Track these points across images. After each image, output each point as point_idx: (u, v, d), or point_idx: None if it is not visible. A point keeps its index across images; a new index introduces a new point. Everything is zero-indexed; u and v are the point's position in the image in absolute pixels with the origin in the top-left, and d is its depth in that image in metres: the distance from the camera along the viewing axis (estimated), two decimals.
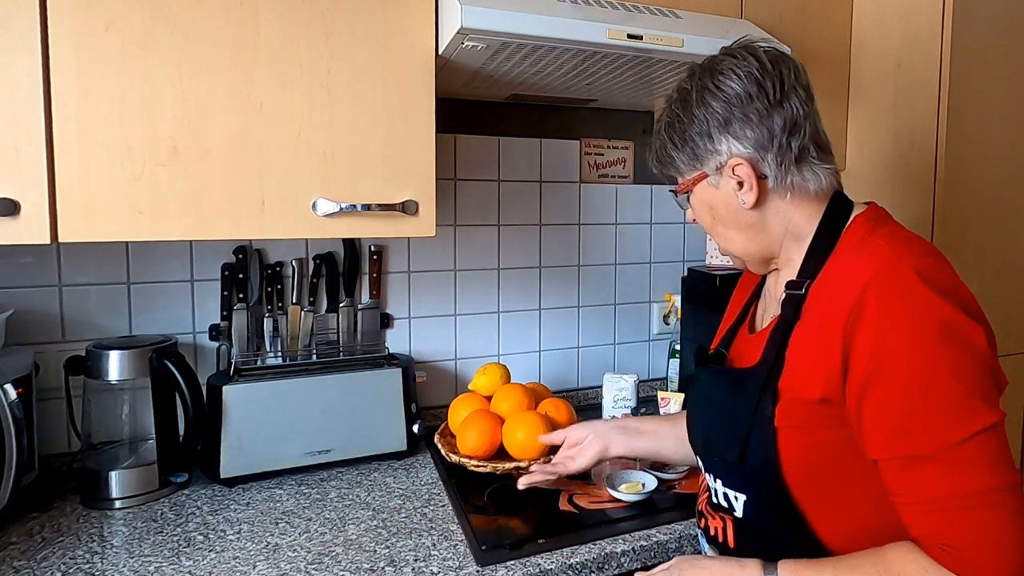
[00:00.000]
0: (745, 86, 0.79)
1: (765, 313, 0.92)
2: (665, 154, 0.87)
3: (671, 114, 0.86)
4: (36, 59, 0.90)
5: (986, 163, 1.39)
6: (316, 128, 1.05)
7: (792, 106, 0.79)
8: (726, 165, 0.81)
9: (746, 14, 1.38)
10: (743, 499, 0.82)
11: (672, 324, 1.79)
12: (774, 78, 0.79)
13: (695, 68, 0.85)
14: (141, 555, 0.98)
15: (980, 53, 1.35)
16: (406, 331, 1.55)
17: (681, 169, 0.87)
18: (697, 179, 0.85)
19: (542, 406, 1.30)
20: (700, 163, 0.84)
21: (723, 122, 0.80)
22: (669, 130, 0.86)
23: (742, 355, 0.89)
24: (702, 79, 0.82)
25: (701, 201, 0.87)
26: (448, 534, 1.05)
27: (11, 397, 1.04)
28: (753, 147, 0.79)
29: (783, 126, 0.79)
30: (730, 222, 0.85)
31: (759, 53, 0.81)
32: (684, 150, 0.84)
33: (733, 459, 0.80)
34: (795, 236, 0.83)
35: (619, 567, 1.01)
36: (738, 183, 0.81)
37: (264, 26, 1.01)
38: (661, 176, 0.92)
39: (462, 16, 0.98)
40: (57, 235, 0.93)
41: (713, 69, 0.82)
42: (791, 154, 0.79)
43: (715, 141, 0.81)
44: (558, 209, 1.69)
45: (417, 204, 1.12)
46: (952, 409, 0.66)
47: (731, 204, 0.83)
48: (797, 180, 0.81)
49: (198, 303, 1.37)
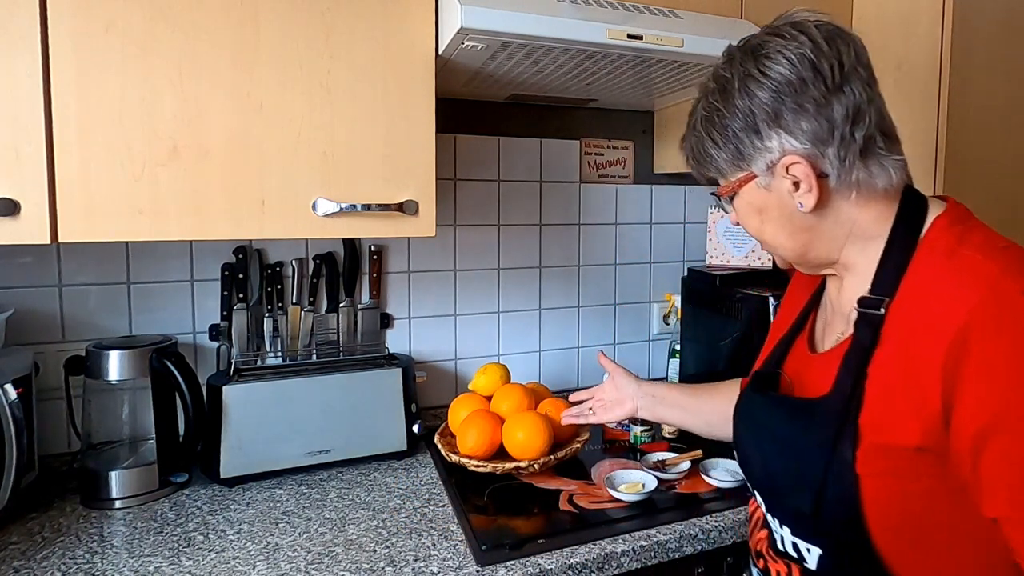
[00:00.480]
0: (798, 71, 0.67)
1: (828, 328, 0.80)
2: (703, 152, 0.76)
3: (709, 107, 0.74)
4: (36, 59, 0.90)
5: (986, 163, 1.39)
6: (316, 128, 1.05)
7: (854, 90, 0.68)
8: (778, 164, 0.70)
9: (746, 14, 1.38)
10: (817, 552, 0.71)
11: (672, 324, 1.79)
12: (831, 59, 0.68)
13: (734, 52, 0.74)
14: (141, 555, 0.98)
15: (980, 53, 1.35)
16: (406, 331, 1.55)
17: (723, 169, 0.75)
18: (743, 180, 0.73)
19: (542, 406, 1.30)
20: (746, 162, 0.72)
21: (773, 115, 0.69)
22: (707, 125, 0.74)
23: (803, 379, 0.77)
24: (744, 65, 0.71)
25: (748, 204, 0.76)
26: (448, 534, 1.05)
27: (11, 397, 1.04)
28: (810, 142, 0.68)
29: (845, 115, 0.67)
30: (782, 226, 0.74)
31: (811, 31, 0.69)
32: (726, 148, 0.73)
33: (806, 509, 0.69)
34: (860, 239, 0.72)
35: (619, 567, 1.01)
36: (793, 183, 0.70)
37: (264, 26, 1.01)
38: (698, 177, 0.80)
39: (462, 16, 0.98)
40: (57, 235, 0.93)
41: (757, 52, 0.70)
42: (855, 146, 0.68)
43: (764, 137, 0.70)
44: (558, 209, 1.69)
45: (417, 204, 1.12)
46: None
47: (785, 207, 0.72)
48: (863, 176, 0.69)
49: (198, 303, 1.37)
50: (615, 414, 1.16)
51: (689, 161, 0.80)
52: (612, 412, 1.17)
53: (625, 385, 1.17)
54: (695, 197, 1.85)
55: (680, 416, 1.13)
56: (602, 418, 1.18)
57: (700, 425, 1.11)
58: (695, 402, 1.12)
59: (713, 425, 1.08)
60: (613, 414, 1.16)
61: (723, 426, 1.04)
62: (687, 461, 1.27)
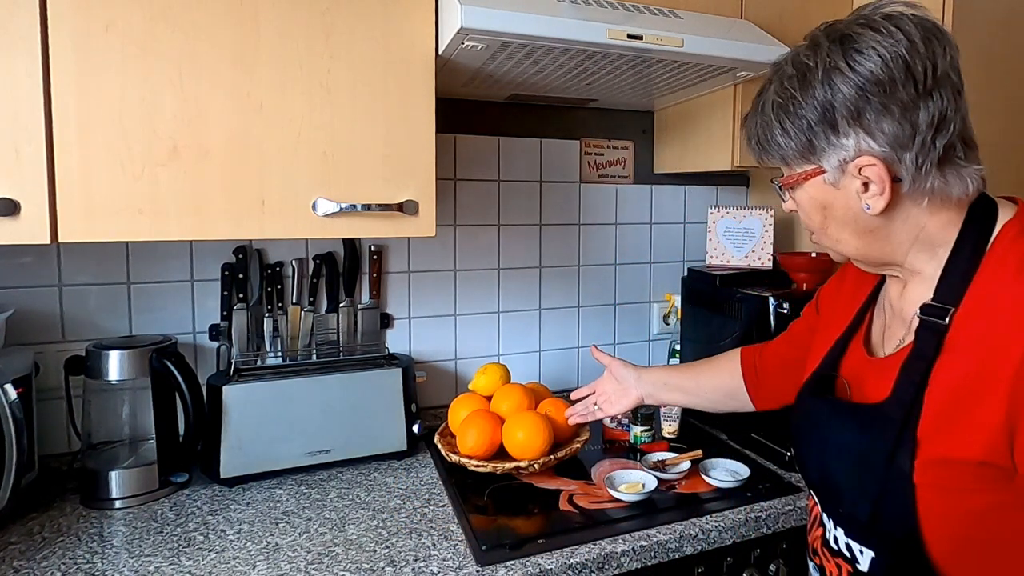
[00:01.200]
0: (889, 71, 0.64)
1: (888, 332, 0.77)
2: (770, 140, 0.72)
3: (783, 93, 0.70)
4: (36, 59, 0.90)
5: (985, 163, 1.38)
6: (316, 128, 1.05)
7: (943, 96, 0.65)
8: (852, 163, 0.67)
9: (746, 14, 1.38)
10: (870, 555, 0.70)
11: (672, 324, 1.79)
12: (926, 61, 0.64)
13: (820, 39, 0.69)
14: (141, 555, 0.98)
15: (980, 53, 1.35)
16: (406, 331, 1.55)
17: (789, 159, 0.72)
18: (810, 174, 0.71)
19: (542, 406, 1.30)
20: (817, 157, 0.69)
21: (855, 112, 0.65)
22: (779, 112, 0.70)
23: (862, 382, 0.75)
24: (832, 55, 0.66)
25: (812, 199, 0.73)
26: (448, 534, 1.05)
27: (11, 397, 1.04)
28: (889, 145, 0.65)
29: (930, 121, 0.64)
30: (846, 225, 0.72)
31: (909, 27, 0.65)
32: (797, 139, 0.69)
33: (863, 517, 0.69)
34: (927, 245, 0.70)
35: (619, 567, 1.01)
36: (863, 184, 0.67)
37: (264, 26, 1.01)
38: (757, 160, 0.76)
39: (462, 16, 0.98)
40: (57, 235, 0.93)
41: (847, 44, 0.66)
42: (935, 154, 0.65)
43: (841, 134, 0.67)
44: (558, 209, 1.69)
45: (417, 204, 1.12)
46: None
47: (852, 207, 0.69)
48: (938, 184, 0.66)
49: (198, 303, 1.37)
50: (620, 406, 1.16)
51: (751, 144, 0.77)
52: (617, 404, 1.17)
53: (624, 376, 1.17)
54: (695, 197, 1.85)
55: (683, 398, 1.16)
56: (608, 412, 1.18)
57: (704, 404, 1.15)
58: (695, 383, 1.14)
59: (716, 402, 1.13)
60: (618, 406, 1.17)
61: (726, 402, 1.12)
62: (687, 461, 1.27)
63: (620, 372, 1.18)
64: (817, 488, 0.80)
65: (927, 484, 0.64)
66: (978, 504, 0.63)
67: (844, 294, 0.89)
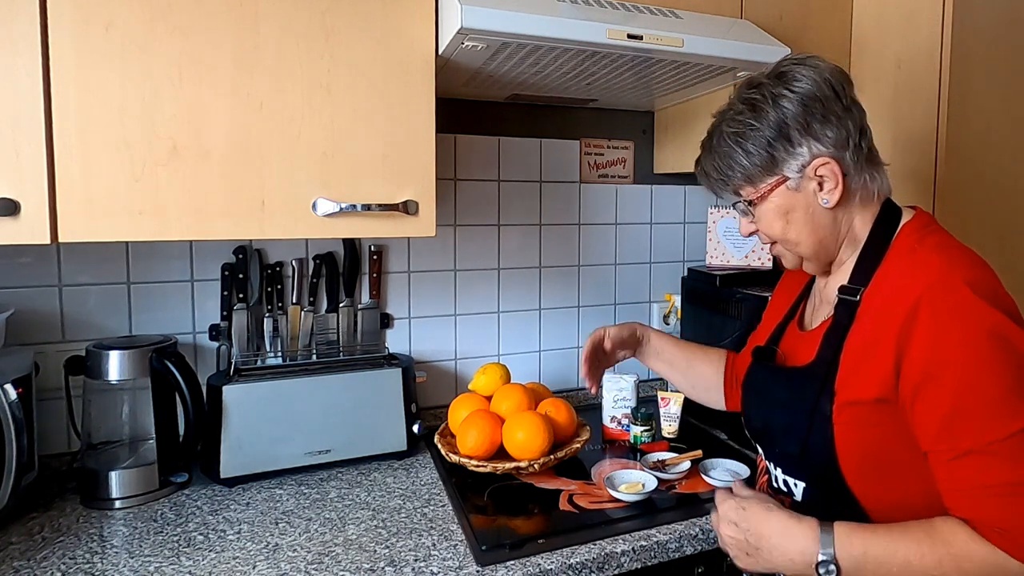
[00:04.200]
0: (821, 89, 0.82)
1: (815, 313, 0.95)
2: (733, 166, 0.86)
3: (737, 124, 0.85)
4: (36, 59, 0.90)
5: (986, 163, 1.39)
6: (316, 128, 1.05)
7: (859, 111, 0.84)
8: (809, 166, 0.82)
9: (746, 14, 1.38)
10: (802, 486, 0.88)
11: (672, 324, 1.79)
12: (843, 83, 0.84)
13: (757, 80, 0.87)
14: (141, 555, 0.98)
15: (980, 53, 1.35)
16: (406, 331, 1.55)
17: (753, 177, 0.86)
18: (775, 185, 0.85)
19: (542, 406, 1.30)
20: (779, 168, 0.84)
21: (804, 124, 0.82)
22: (739, 140, 0.85)
23: (794, 351, 0.93)
24: (774, 88, 0.84)
25: (775, 208, 0.86)
26: (448, 534, 1.05)
27: (11, 397, 1.04)
28: (834, 146, 0.82)
29: (856, 127, 0.83)
30: (804, 225, 0.86)
31: (826, 63, 0.85)
32: (760, 157, 0.84)
33: (794, 452, 0.86)
34: (852, 239, 0.87)
35: (619, 567, 1.01)
36: (819, 184, 0.83)
37: (264, 26, 1.01)
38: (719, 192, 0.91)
39: (462, 16, 0.98)
40: (57, 235, 0.93)
41: (783, 77, 0.84)
42: (863, 153, 0.84)
43: (795, 144, 0.82)
44: (558, 209, 1.69)
45: (417, 204, 1.12)
46: (998, 408, 0.71)
47: (810, 206, 0.84)
48: (868, 179, 0.85)
49: (198, 303, 1.37)
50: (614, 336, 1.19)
51: (711, 177, 0.90)
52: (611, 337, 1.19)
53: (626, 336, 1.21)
54: (695, 197, 1.85)
55: (668, 371, 1.24)
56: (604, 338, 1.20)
57: (684, 385, 1.24)
58: (685, 363, 1.22)
59: (696, 387, 1.23)
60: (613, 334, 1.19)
61: (702, 393, 1.23)
62: (687, 461, 1.27)
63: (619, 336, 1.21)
64: (759, 436, 0.97)
65: (842, 422, 0.81)
66: (878, 434, 0.79)
67: (783, 290, 1.09)
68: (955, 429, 0.72)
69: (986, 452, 0.71)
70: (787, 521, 0.80)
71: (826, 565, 0.75)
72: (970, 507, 0.72)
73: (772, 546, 0.80)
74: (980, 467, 0.71)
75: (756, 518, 0.82)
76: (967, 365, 0.72)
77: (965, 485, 0.72)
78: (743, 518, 0.83)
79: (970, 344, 0.72)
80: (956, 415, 0.72)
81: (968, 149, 1.36)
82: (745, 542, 0.82)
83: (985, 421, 0.71)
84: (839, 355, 0.82)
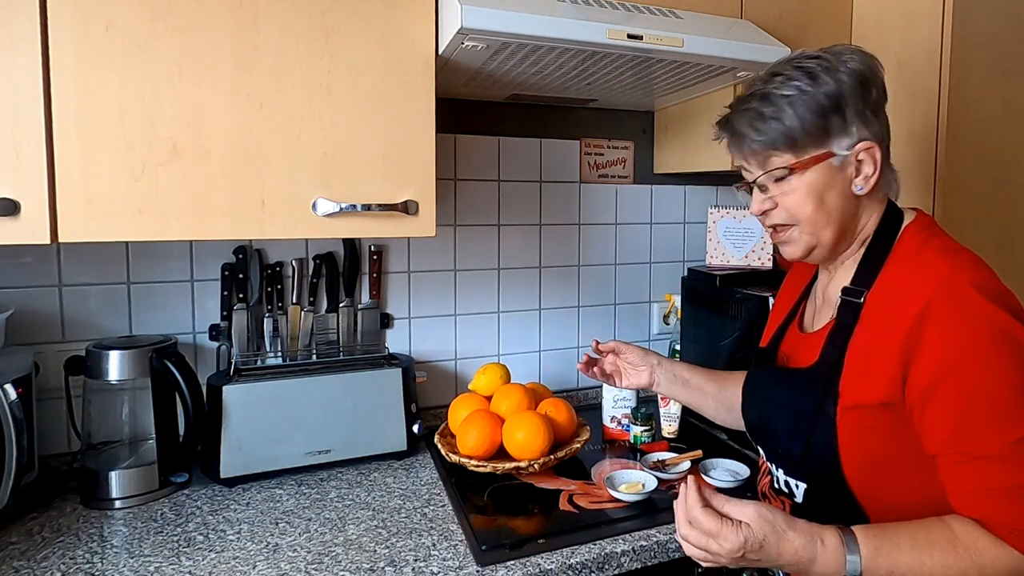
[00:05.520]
0: (876, 74, 0.82)
1: (817, 314, 0.94)
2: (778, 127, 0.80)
3: (791, 86, 0.79)
4: (36, 59, 0.90)
5: (986, 162, 1.39)
6: (316, 128, 1.05)
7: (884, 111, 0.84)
8: (857, 146, 0.80)
9: (746, 14, 1.38)
10: (803, 487, 0.87)
11: (672, 324, 1.79)
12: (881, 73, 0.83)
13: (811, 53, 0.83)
14: (141, 555, 0.98)
15: (980, 53, 1.35)
16: (406, 331, 1.55)
17: (798, 144, 0.80)
18: (821, 157, 0.80)
19: (542, 406, 1.30)
20: (829, 140, 0.80)
21: (860, 104, 0.80)
22: (791, 101, 0.79)
23: (796, 353, 0.92)
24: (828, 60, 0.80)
25: (811, 184, 0.81)
26: (448, 534, 1.05)
27: (11, 397, 1.04)
28: (874, 136, 0.81)
29: (887, 124, 0.84)
30: (835, 209, 0.82)
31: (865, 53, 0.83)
32: (811, 123, 0.79)
33: (797, 453, 0.85)
34: (860, 236, 0.87)
35: (619, 567, 1.01)
36: (856, 168, 0.81)
37: (264, 26, 1.01)
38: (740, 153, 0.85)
39: (462, 16, 0.98)
40: (57, 235, 0.93)
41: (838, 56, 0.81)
42: (888, 152, 0.84)
43: (848, 121, 0.80)
44: (558, 209, 1.69)
45: (417, 204, 1.12)
46: (1008, 411, 0.71)
47: (844, 190, 0.82)
48: (890, 178, 0.85)
49: (198, 303, 1.37)
50: (633, 381, 1.14)
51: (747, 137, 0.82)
52: (631, 379, 1.14)
53: (646, 355, 1.15)
54: (695, 197, 1.85)
55: (698, 399, 1.14)
56: (619, 383, 1.16)
57: (716, 409, 1.13)
58: (716, 387, 1.13)
59: (732, 410, 1.10)
60: (631, 380, 1.14)
61: (728, 416, 1.14)
62: (687, 461, 1.27)
63: (642, 351, 1.15)
64: (761, 437, 0.95)
65: (845, 425, 0.80)
66: (881, 438, 0.79)
67: (786, 291, 1.08)
68: (966, 433, 0.72)
69: (997, 456, 0.70)
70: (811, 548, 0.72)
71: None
72: (980, 509, 0.72)
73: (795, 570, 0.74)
74: (990, 471, 0.71)
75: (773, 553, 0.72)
76: (977, 369, 0.71)
77: (975, 488, 0.72)
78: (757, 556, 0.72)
79: (979, 348, 0.71)
80: (967, 419, 0.72)
81: (968, 148, 1.36)
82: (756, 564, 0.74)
83: (996, 425, 0.71)
84: (843, 357, 0.81)
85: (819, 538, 0.72)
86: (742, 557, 0.72)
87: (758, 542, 0.71)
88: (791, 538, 0.72)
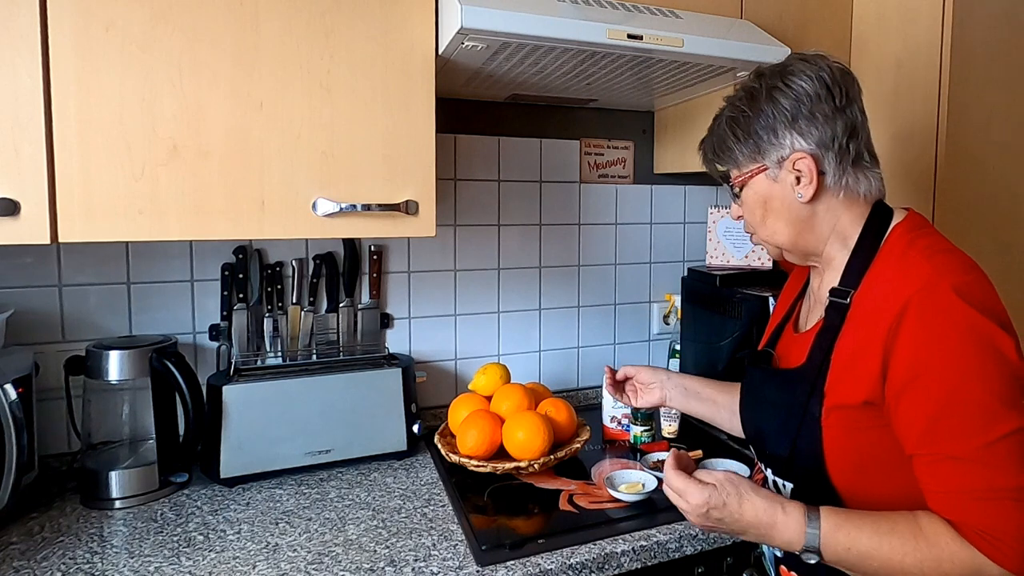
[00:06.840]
0: (815, 87, 0.84)
1: (810, 314, 0.96)
2: (724, 147, 0.90)
3: (735, 109, 0.89)
4: (36, 59, 0.90)
5: (986, 162, 1.39)
6: (316, 128, 1.05)
7: (853, 114, 0.85)
8: (788, 159, 0.85)
9: (746, 14, 1.38)
10: (790, 487, 0.89)
11: (672, 324, 1.79)
12: (841, 86, 0.85)
13: (763, 70, 0.90)
14: (141, 555, 0.98)
15: (980, 53, 1.35)
16: (406, 331, 1.55)
17: (739, 161, 0.90)
18: (756, 171, 0.88)
19: (542, 406, 1.30)
20: (761, 156, 0.87)
21: (790, 119, 0.84)
22: (732, 124, 0.89)
23: (788, 353, 0.95)
24: (772, 79, 0.86)
25: (756, 194, 0.89)
26: (448, 534, 1.05)
27: (11, 397, 1.04)
28: (816, 144, 0.84)
29: (844, 129, 0.84)
30: (781, 215, 0.88)
31: (830, 63, 0.86)
32: (747, 143, 0.87)
33: (783, 453, 0.87)
34: (840, 237, 0.88)
35: (619, 567, 1.01)
36: (796, 178, 0.85)
37: (264, 26, 1.01)
38: (711, 170, 0.95)
39: (462, 16, 0.98)
40: (57, 235, 0.93)
41: (784, 70, 0.86)
42: (849, 156, 0.85)
43: (779, 136, 0.85)
44: (558, 209, 1.69)
45: (417, 204, 1.12)
46: (981, 413, 0.72)
47: (786, 198, 0.86)
48: (851, 181, 0.85)
49: (198, 303, 1.37)
50: (645, 399, 1.19)
51: (708, 155, 0.95)
52: (644, 397, 1.19)
53: (655, 372, 1.19)
54: (695, 197, 1.85)
55: (711, 410, 1.16)
56: (636, 402, 1.20)
57: (731, 420, 1.14)
58: (727, 398, 1.14)
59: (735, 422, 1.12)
60: (644, 399, 1.19)
61: None
62: None
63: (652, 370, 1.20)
64: (753, 438, 0.97)
65: (830, 425, 0.82)
66: (865, 438, 0.80)
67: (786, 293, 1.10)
68: (938, 433, 0.73)
69: (969, 458, 0.72)
70: (771, 513, 0.79)
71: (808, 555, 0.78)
72: (953, 510, 0.73)
73: (757, 535, 0.81)
74: (963, 472, 0.72)
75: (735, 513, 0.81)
76: (951, 370, 0.73)
77: (948, 489, 0.73)
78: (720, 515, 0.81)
79: (955, 349, 0.73)
80: (939, 419, 0.73)
81: (968, 148, 1.36)
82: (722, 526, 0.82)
83: (968, 426, 0.72)
84: (829, 357, 0.83)
85: (781, 505, 0.80)
86: (707, 515, 0.81)
87: (721, 500, 0.81)
88: (753, 499, 0.80)
